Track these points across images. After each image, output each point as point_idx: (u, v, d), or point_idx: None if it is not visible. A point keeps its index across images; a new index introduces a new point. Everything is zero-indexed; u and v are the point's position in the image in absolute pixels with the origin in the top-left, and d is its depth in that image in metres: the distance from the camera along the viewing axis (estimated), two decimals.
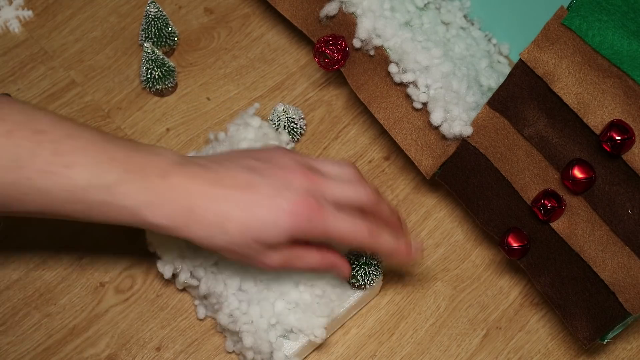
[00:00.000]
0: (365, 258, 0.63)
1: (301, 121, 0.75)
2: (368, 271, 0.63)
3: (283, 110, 0.73)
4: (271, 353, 0.62)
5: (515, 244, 0.64)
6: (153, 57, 0.74)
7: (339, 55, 0.69)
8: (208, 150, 0.70)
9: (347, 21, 0.69)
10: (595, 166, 0.58)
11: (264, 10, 0.82)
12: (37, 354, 0.65)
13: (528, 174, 0.63)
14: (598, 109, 0.57)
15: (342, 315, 0.66)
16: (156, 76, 0.75)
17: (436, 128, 0.67)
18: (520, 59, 0.60)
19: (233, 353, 0.66)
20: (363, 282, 0.64)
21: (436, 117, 0.66)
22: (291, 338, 0.63)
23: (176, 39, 0.78)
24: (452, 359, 0.67)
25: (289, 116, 0.73)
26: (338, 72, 0.78)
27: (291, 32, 0.81)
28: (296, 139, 0.75)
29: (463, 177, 0.67)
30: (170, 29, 0.77)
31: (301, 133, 0.75)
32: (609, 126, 0.56)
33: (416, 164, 0.69)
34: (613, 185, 0.58)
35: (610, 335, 0.62)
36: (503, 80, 0.62)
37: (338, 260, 0.60)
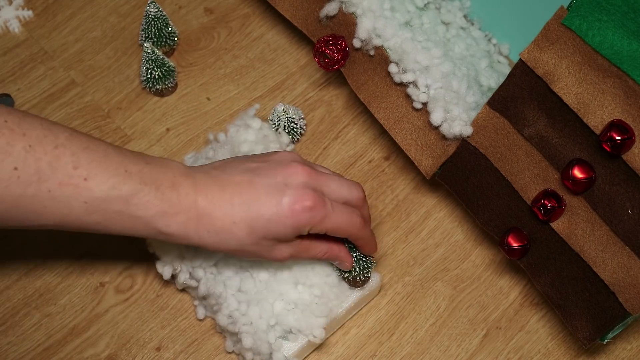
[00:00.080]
0: (358, 250, 0.64)
1: (301, 121, 0.75)
2: (362, 262, 0.64)
3: (283, 110, 0.73)
4: (270, 354, 0.62)
5: (515, 244, 0.64)
6: (153, 57, 0.74)
7: (339, 55, 0.69)
8: (208, 151, 0.70)
9: (347, 21, 0.69)
10: (595, 166, 0.58)
11: (264, 10, 0.82)
12: (37, 354, 0.65)
13: (528, 174, 0.63)
14: (598, 109, 0.57)
15: (342, 315, 0.66)
16: (156, 76, 0.75)
17: (436, 128, 0.67)
18: (520, 59, 0.60)
19: (233, 353, 0.66)
20: (357, 274, 0.64)
21: (436, 117, 0.66)
22: (290, 339, 0.63)
23: (176, 39, 0.78)
24: (452, 359, 0.67)
25: (289, 116, 0.73)
26: (338, 72, 0.78)
27: (291, 32, 0.81)
28: (296, 139, 0.75)
29: (463, 177, 0.67)
30: (170, 29, 0.77)
31: (301, 133, 0.76)
32: (609, 126, 0.56)
33: (416, 164, 0.69)
34: (613, 185, 0.58)
35: (610, 335, 0.62)
36: (503, 80, 0.62)
37: (342, 251, 0.63)
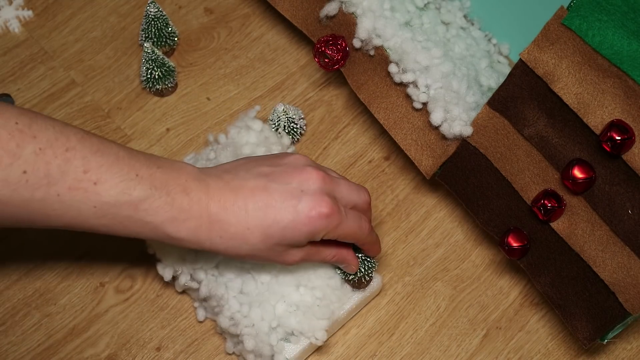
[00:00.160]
0: (360, 251, 0.64)
1: (301, 121, 0.75)
2: (361, 258, 0.64)
3: (283, 110, 0.73)
4: (272, 356, 0.62)
5: (515, 244, 0.64)
6: (153, 57, 0.74)
7: (339, 55, 0.69)
8: (209, 152, 0.70)
9: (347, 21, 0.69)
10: (595, 166, 0.58)
11: (264, 10, 0.82)
12: (37, 354, 0.65)
13: (528, 174, 0.63)
14: (598, 109, 0.57)
15: (343, 317, 0.66)
16: (156, 76, 0.75)
17: (436, 128, 0.67)
18: (520, 59, 0.60)
19: (233, 354, 0.66)
20: (361, 274, 0.64)
21: (436, 117, 0.66)
22: (292, 341, 0.63)
23: (176, 39, 0.78)
24: (452, 359, 0.67)
25: (289, 116, 0.73)
26: (338, 72, 0.78)
27: (291, 32, 0.81)
28: (296, 139, 0.75)
29: (463, 177, 0.67)
30: (170, 29, 0.77)
31: (301, 133, 0.75)
32: (609, 126, 0.56)
33: (416, 164, 0.69)
34: (613, 185, 0.58)
35: (610, 335, 0.62)
36: (503, 80, 0.62)
37: (349, 255, 0.63)
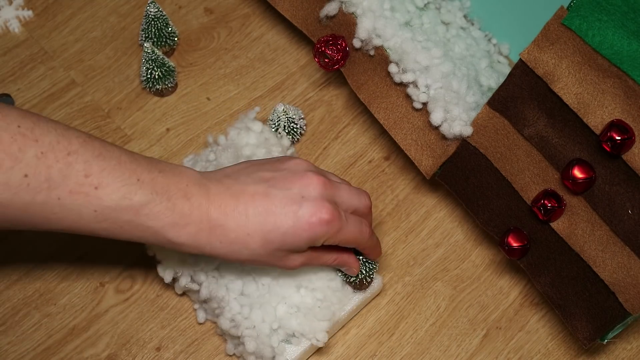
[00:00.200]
0: (361, 253, 0.64)
1: (301, 121, 0.75)
2: (362, 261, 0.64)
3: (283, 110, 0.73)
4: (273, 358, 0.62)
5: (515, 244, 0.64)
6: (153, 57, 0.73)
7: (339, 55, 0.69)
8: (208, 154, 0.70)
9: (347, 21, 0.69)
10: (595, 166, 0.58)
11: (264, 10, 0.82)
12: (37, 354, 0.65)
13: (528, 174, 0.63)
14: (598, 109, 0.57)
15: (344, 318, 0.66)
16: (156, 76, 0.75)
17: (436, 128, 0.67)
18: (520, 59, 0.60)
19: (234, 356, 0.66)
20: (362, 276, 0.64)
21: (436, 117, 0.66)
22: (293, 342, 0.63)
23: (176, 39, 0.78)
24: (452, 359, 0.67)
25: (289, 116, 0.73)
26: (338, 72, 0.78)
27: (291, 32, 0.81)
28: (296, 139, 0.75)
29: (463, 177, 0.67)
30: (170, 29, 0.77)
31: (301, 133, 0.75)
32: (609, 126, 0.56)
33: (416, 164, 0.69)
34: (613, 185, 0.58)
35: (610, 335, 0.62)
36: (503, 80, 0.62)
37: (350, 258, 0.63)
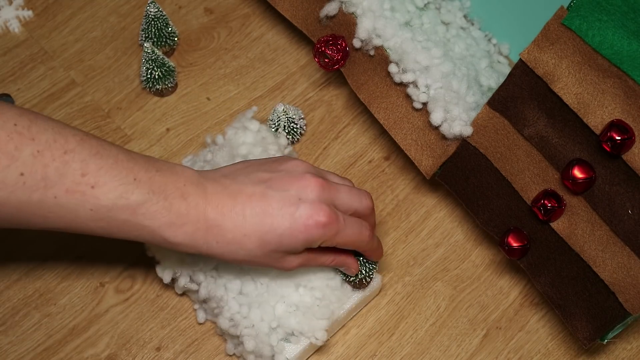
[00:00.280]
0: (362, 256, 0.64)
1: (301, 121, 0.75)
2: (363, 261, 0.64)
3: (283, 110, 0.73)
4: (272, 357, 0.62)
5: (515, 244, 0.64)
6: (153, 57, 0.73)
7: (339, 55, 0.69)
8: (206, 154, 0.70)
9: (347, 21, 0.69)
10: (595, 166, 0.58)
11: (264, 10, 0.82)
12: (37, 354, 0.65)
13: (528, 174, 0.63)
14: (598, 109, 0.57)
15: (343, 317, 0.66)
16: (156, 76, 0.75)
17: (436, 128, 0.67)
18: (520, 59, 0.60)
19: (234, 356, 0.66)
20: (362, 276, 0.64)
21: (436, 117, 0.66)
22: (292, 341, 0.63)
23: (176, 39, 0.78)
24: (452, 359, 0.67)
25: (289, 116, 0.73)
26: (338, 72, 0.78)
27: (291, 32, 0.81)
28: (296, 139, 0.75)
29: (463, 177, 0.67)
30: (170, 29, 0.77)
31: (301, 133, 0.75)
32: (609, 126, 0.56)
33: (416, 164, 0.69)
34: (613, 185, 0.58)
35: (610, 335, 0.62)
36: (503, 80, 0.62)
37: (348, 258, 0.63)
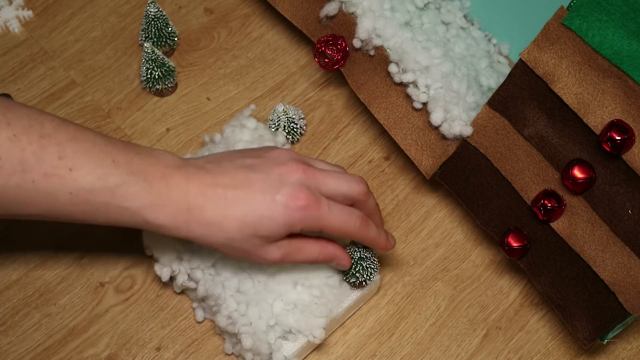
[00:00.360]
0: (360, 253, 0.63)
1: (301, 121, 0.75)
2: (365, 266, 0.64)
3: (283, 110, 0.73)
4: (270, 354, 0.62)
5: (515, 244, 0.64)
6: (153, 57, 0.74)
7: (339, 55, 0.69)
8: (204, 152, 0.70)
9: (347, 21, 0.69)
10: (595, 166, 0.58)
11: (264, 10, 0.82)
12: (37, 354, 0.65)
13: (528, 174, 0.63)
14: (598, 109, 0.57)
15: (341, 315, 0.66)
16: (156, 76, 0.75)
17: (436, 128, 0.67)
18: (520, 59, 0.60)
19: (232, 355, 0.66)
20: (363, 279, 0.64)
21: (436, 117, 0.66)
22: (290, 339, 0.63)
23: (176, 39, 0.78)
24: (452, 359, 0.67)
25: (289, 116, 0.73)
26: (338, 72, 0.78)
27: (291, 32, 0.81)
28: (296, 139, 0.75)
29: (463, 177, 0.67)
30: (170, 29, 0.77)
31: (301, 133, 0.75)
32: (609, 126, 0.56)
33: (416, 164, 0.69)
34: (613, 185, 0.58)
35: (610, 335, 0.62)
36: (503, 80, 0.62)
37: (338, 251, 0.62)
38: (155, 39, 0.76)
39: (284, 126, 0.73)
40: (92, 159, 0.53)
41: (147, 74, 0.75)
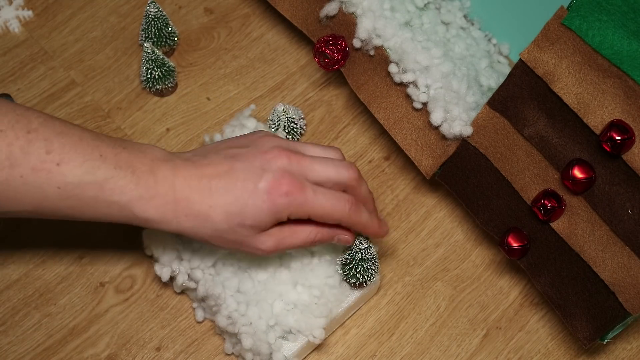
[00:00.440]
0: (361, 254, 0.63)
1: (301, 121, 0.75)
2: (366, 267, 0.63)
3: (283, 110, 0.73)
4: (270, 354, 0.62)
5: (515, 244, 0.64)
6: (153, 57, 0.74)
7: (339, 55, 0.69)
8: None
9: (347, 21, 0.69)
10: (595, 166, 0.58)
11: (264, 10, 0.82)
12: (37, 354, 0.65)
13: (528, 174, 0.63)
14: (598, 109, 0.57)
15: (341, 315, 0.66)
16: (156, 76, 0.75)
17: (436, 128, 0.67)
18: (520, 59, 0.60)
19: (232, 355, 0.66)
20: (363, 280, 0.64)
21: (436, 117, 0.66)
22: (290, 339, 0.63)
23: (176, 39, 0.78)
24: (452, 359, 0.67)
25: (289, 116, 0.73)
26: (338, 72, 0.78)
27: (291, 32, 0.81)
28: (296, 139, 0.75)
29: (463, 177, 0.67)
30: (170, 29, 0.77)
31: (301, 133, 0.75)
32: (609, 126, 0.56)
33: (416, 164, 0.69)
34: (613, 185, 0.58)
35: (610, 335, 0.62)
36: (503, 80, 0.62)
37: (334, 230, 0.60)
38: (155, 39, 0.76)
39: (284, 126, 0.73)
40: (80, 153, 0.53)
41: (147, 74, 0.75)
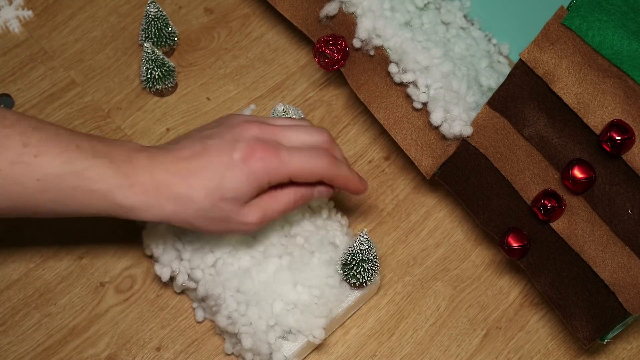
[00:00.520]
0: (361, 255, 0.63)
1: None
2: (366, 267, 0.63)
3: (283, 110, 0.73)
4: (270, 354, 0.62)
5: (515, 244, 0.64)
6: (153, 57, 0.73)
7: (339, 55, 0.69)
8: None
9: (347, 21, 0.69)
10: (595, 166, 0.58)
11: (264, 10, 0.82)
12: (37, 354, 0.65)
13: (528, 174, 0.63)
14: (598, 109, 0.57)
15: (341, 315, 0.66)
16: (156, 76, 0.75)
17: (436, 128, 0.67)
18: (520, 59, 0.60)
19: (232, 355, 0.66)
20: (363, 280, 0.64)
21: (436, 117, 0.66)
22: (290, 339, 0.63)
23: (176, 39, 0.78)
24: (452, 359, 0.67)
25: (289, 116, 0.73)
26: (338, 72, 0.78)
27: (291, 32, 0.81)
28: None
29: (463, 177, 0.67)
30: (170, 29, 0.77)
31: None
32: (609, 126, 0.56)
33: (416, 164, 0.69)
34: (613, 185, 0.58)
35: (610, 335, 0.62)
36: (503, 80, 0.62)
37: (312, 187, 0.61)
38: (155, 39, 0.76)
39: None
40: (57, 145, 0.54)
41: (147, 74, 0.75)
